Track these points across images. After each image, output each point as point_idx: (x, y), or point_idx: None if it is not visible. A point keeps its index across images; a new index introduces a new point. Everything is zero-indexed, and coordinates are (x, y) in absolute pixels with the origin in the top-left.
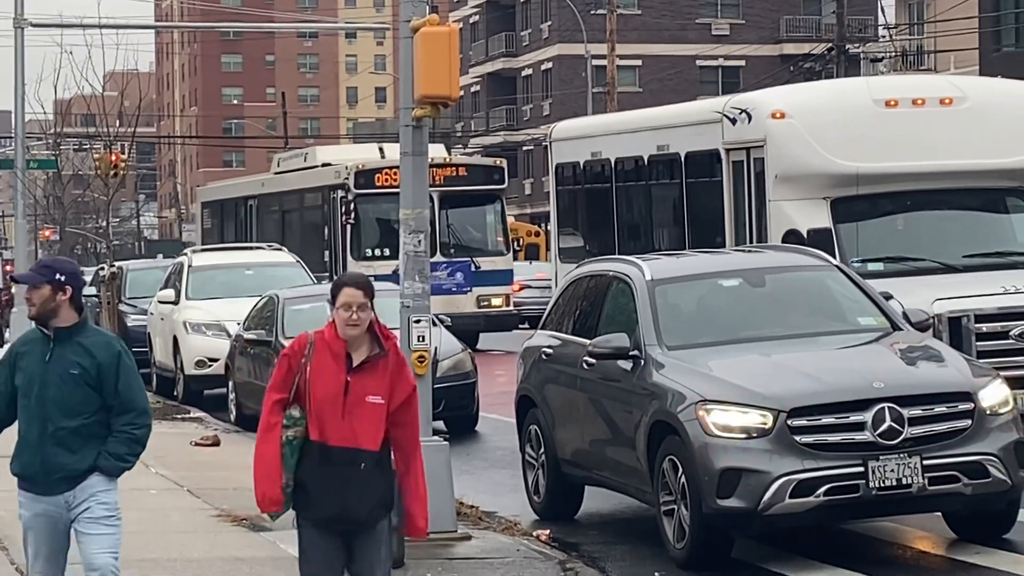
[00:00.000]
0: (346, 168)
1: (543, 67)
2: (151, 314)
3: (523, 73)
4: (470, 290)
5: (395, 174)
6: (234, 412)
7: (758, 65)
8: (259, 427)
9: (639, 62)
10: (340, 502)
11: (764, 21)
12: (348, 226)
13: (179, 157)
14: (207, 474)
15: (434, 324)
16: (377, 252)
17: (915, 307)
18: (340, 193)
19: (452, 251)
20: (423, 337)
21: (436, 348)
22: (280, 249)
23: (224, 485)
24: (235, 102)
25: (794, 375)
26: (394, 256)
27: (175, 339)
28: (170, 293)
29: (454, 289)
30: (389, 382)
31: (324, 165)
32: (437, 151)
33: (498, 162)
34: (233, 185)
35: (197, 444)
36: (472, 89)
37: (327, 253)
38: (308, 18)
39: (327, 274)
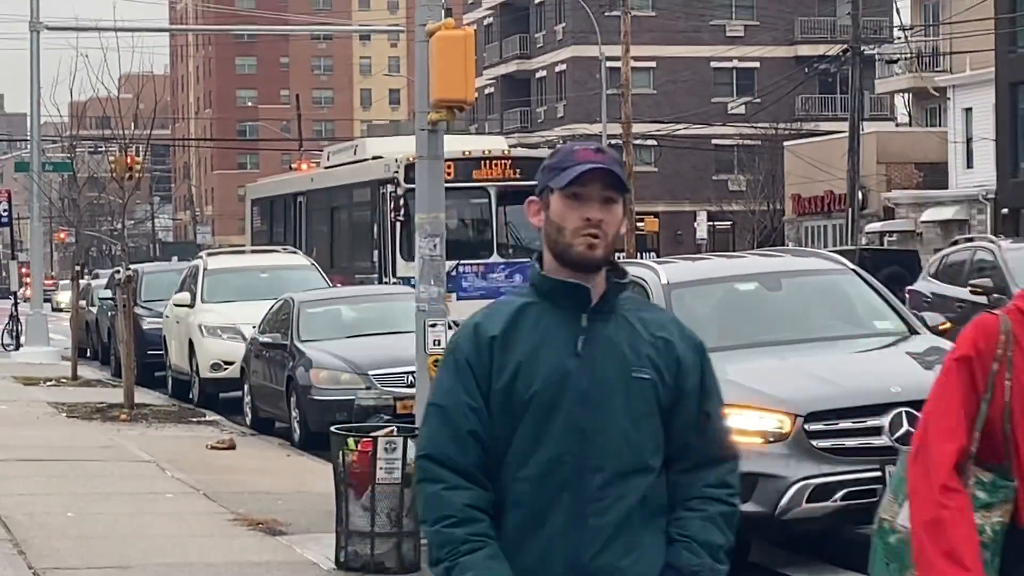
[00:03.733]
0: (396, 161)
1: (557, 69)
2: (166, 317)
3: (537, 75)
4: None
5: (449, 167)
6: (250, 415)
7: (773, 66)
8: (918, 512)
9: (653, 64)
10: None
11: (778, 22)
12: (398, 223)
13: (194, 159)
14: (223, 478)
15: (448, 327)
16: None
17: None
18: (390, 188)
19: (510, 251)
20: (439, 341)
21: None
22: (295, 252)
23: (240, 489)
24: (249, 104)
25: (811, 379)
26: (448, 257)
27: (191, 342)
28: (186, 296)
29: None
30: None
31: (374, 158)
32: (496, 143)
33: None
34: (282, 181)
35: (213, 447)
36: (486, 91)
37: (376, 253)
38: (322, 20)
39: (375, 276)
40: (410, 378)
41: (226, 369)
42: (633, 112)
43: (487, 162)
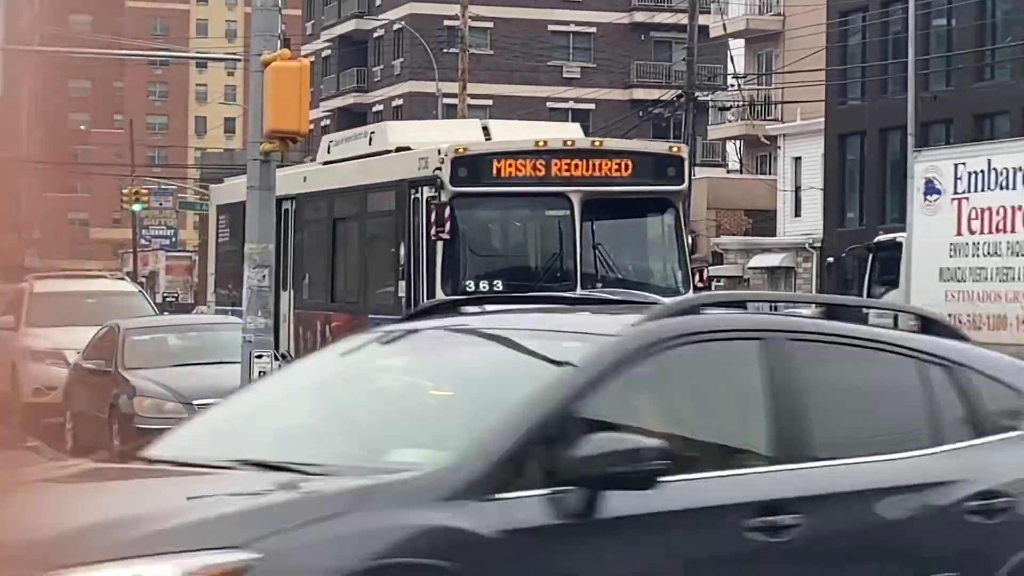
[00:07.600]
0: (439, 154)
1: (394, 103)
2: None
3: (374, 109)
4: None
5: (513, 165)
6: (70, 442)
7: (608, 109)
8: None
9: (490, 102)
10: None
11: (615, 65)
12: (439, 241)
13: (22, 182)
14: None
15: (275, 359)
16: (483, 284)
17: None
18: (426, 191)
19: (599, 284)
20: (264, 372)
21: None
22: (123, 279)
23: None
24: (82, 128)
25: None
26: (514, 288)
27: (13, 366)
28: (10, 319)
29: None
30: None
31: (399, 150)
32: (573, 132)
33: (675, 148)
34: None
35: None
36: (322, 123)
37: (403, 284)
38: (159, 46)
39: (400, 315)
40: None
41: (48, 395)
42: None
43: (569, 157)
